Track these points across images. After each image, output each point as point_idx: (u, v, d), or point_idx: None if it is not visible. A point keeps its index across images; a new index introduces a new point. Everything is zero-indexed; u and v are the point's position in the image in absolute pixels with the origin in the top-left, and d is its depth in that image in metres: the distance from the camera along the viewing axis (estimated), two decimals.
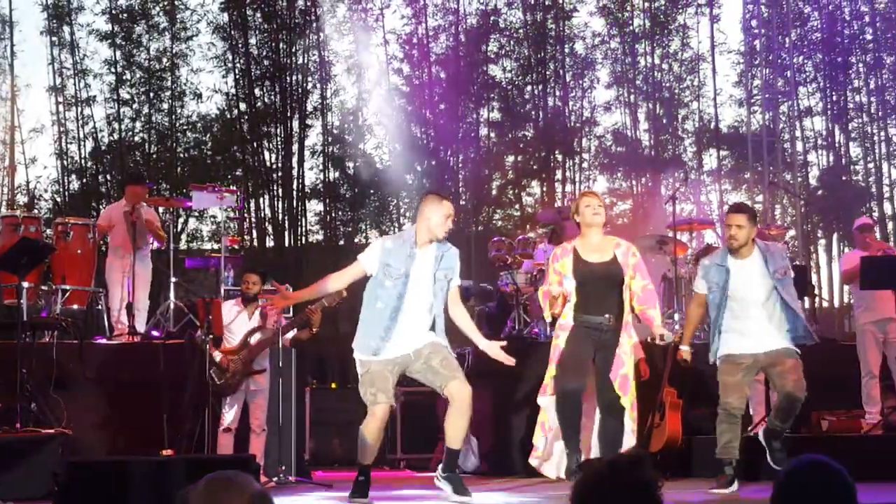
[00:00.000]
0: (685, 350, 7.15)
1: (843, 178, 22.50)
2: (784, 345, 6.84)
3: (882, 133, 22.53)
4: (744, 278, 6.82)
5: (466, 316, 6.42)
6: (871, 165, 22.62)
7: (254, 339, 8.20)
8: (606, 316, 6.49)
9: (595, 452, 6.62)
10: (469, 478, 8.03)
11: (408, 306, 6.14)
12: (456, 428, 6.17)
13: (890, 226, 21.82)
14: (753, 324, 6.82)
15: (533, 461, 6.84)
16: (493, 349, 6.36)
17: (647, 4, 22.74)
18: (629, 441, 6.61)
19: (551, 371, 6.61)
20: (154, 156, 22.48)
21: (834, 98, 22.99)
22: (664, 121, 23.09)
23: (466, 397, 6.13)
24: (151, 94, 22.33)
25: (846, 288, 21.63)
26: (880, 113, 22.53)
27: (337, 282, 6.44)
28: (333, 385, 15.34)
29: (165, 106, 22.48)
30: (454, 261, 6.30)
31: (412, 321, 6.16)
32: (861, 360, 9.17)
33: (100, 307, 9.99)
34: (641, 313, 6.65)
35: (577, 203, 6.84)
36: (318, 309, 7.97)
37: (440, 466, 6.26)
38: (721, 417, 6.91)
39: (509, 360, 6.38)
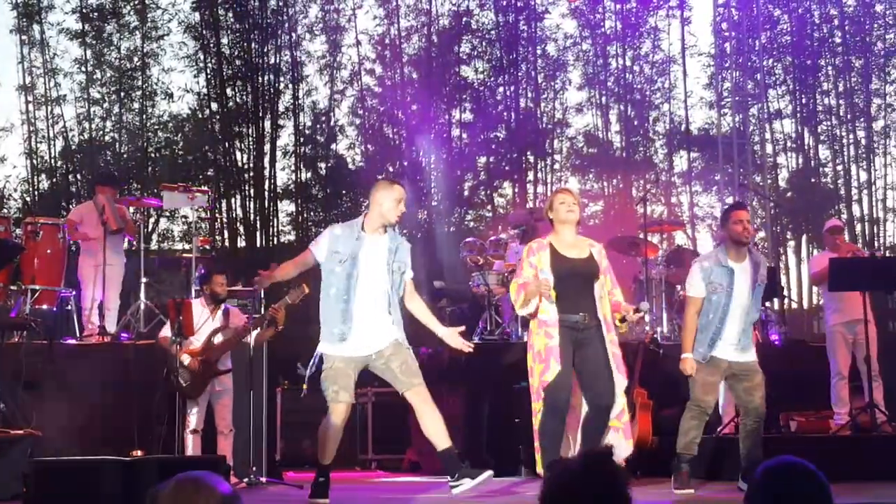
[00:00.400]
0: (689, 358, 6.91)
1: (812, 180, 22.69)
2: (753, 357, 6.93)
3: (851, 136, 22.74)
4: (741, 281, 6.89)
5: (424, 307, 6.50)
6: (839, 168, 22.81)
7: (217, 339, 8.16)
8: (582, 314, 6.37)
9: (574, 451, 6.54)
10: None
11: (361, 289, 6.18)
12: (434, 430, 6.25)
13: (858, 228, 22.01)
14: (734, 329, 6.88)
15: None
16: (453, 338, 6.40)
17: (618, 7, 22.83)
18: (628, 446, 6.52)
19: (553, 370, 6.28)
20: (125, 155, 22.36)
21: (803, 101, 23.17)
22: (635, 122, 23.19)
23: (427, 401, 6.25)
24: (122, 94, 22.23)
25: (815, 289, 21.82)
26: (849, 116, 22.73)
27: (289, 269, 6.48)
28: (305, 386, 15.30)
29: (136, 105, 22.39)
30: (407, 255, 6.38)
31: (368, 307, 6.19)
32: (831, 361, 9.24)
33: (69, 307, 9.93)
34: (614, 307, 6.57)
35: (551, 199, 6.74)
36: (281, 307, 7.94)
37: (448, 476, 6.26)
38: (693, 414, 6.93)
39: (467, 347, 6.43)
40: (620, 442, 6.48)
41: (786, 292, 19.22)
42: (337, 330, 6.15)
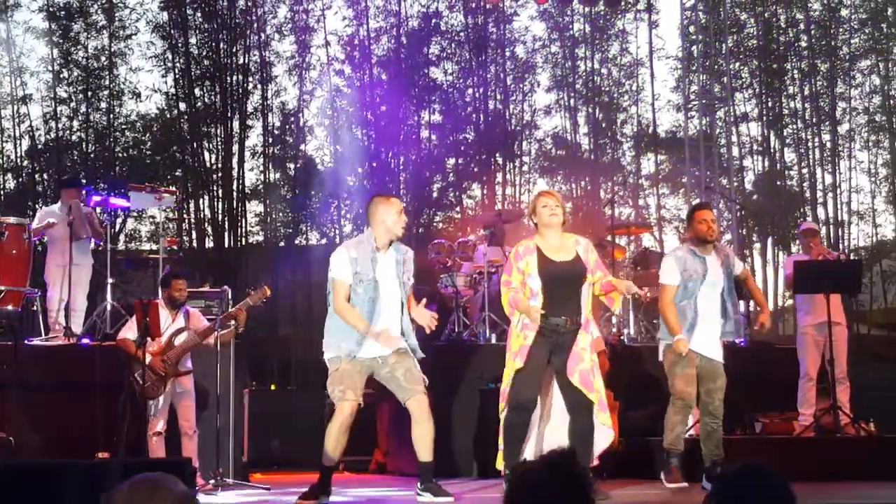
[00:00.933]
0: (682, 339, 6.99)
1: (778, 183, 22.88)
2: (720, 357, 7.03)
3: (816, 139, 22.95)
4: (715, 271, 7.03)
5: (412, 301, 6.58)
6: (805, 171, 23.03)
7: (178, 341, 8.13)
8: (563, 318, 6.34)
9: None
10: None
11: (379, 310, 6.29)
12: (422, 442, 6.31)
13: (823, 231, 22.21)
14: (709, 321, 6.99)
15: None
16: (421, 316, 6.47)
17: (586, 9, 22.93)
18: (608, 437, 6.53)
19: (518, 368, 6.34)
20: (92, 155, 22.23)
21: (769, 104, 23.37)
22: (603, 125, 23.30)
23: (425, 411, 6.30)
24: (89, 93, 22.08)
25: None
26: (814, 119, 22.94)
27: (349, 307, 6.31)
28: (273, 387, 15.29)
29: (104, 105, 22.24)
30: (412, 262, 6.51)
31: (383, 324, 6.28)
32: (801, 362, 9.31)
33: (35, 308, 9.87)
34: (604, 292, 6.55)
35: (533, 203, 6.66)
36: (243, 308, 7.93)
37: (418, 483, 6.35)
38: (677, 408, 7.00)
39: (431, 322, 6.47)
40: (603, 430, 6.47)
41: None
42: (347, 346, 6.27)
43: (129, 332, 8.15)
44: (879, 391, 12.33)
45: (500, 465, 6.57)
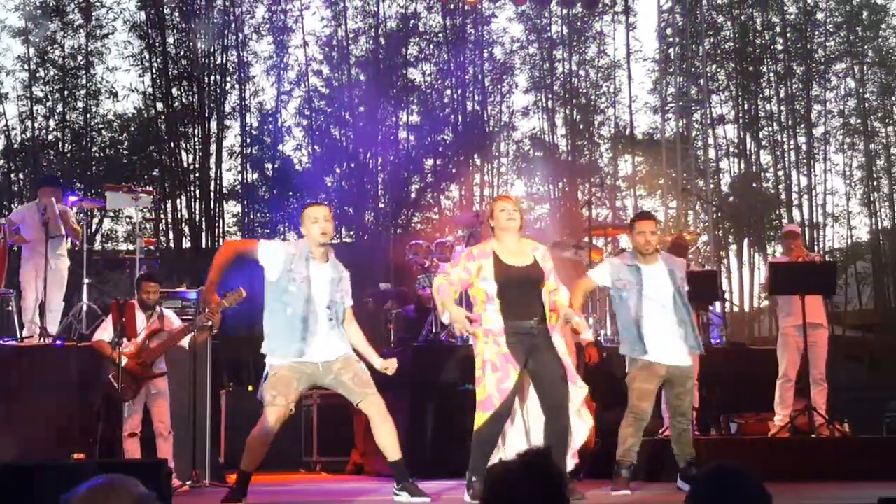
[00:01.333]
0: (586, 338, 6.95)
1: (754, 185, 23.01)
2: (688, 362, 7.04)
3: (791, 141, 23.10)
4: (654, 281, 6.97)
5: (361, 336, 6.48)
6: (780, 173, 23.17)
7: (152, 343, 8.10)
8: (535, 319, 6.24)
9: None
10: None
11: (317, 312, 6.19)
12: (386, 441, 6.26)
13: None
14: (663, 330, 6.96)
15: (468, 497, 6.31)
16: (387, 365, 6.44)
17: (564, 11, 23.00)
18: (585, 432, 6.48)
19: (513, 377, 6.12)
20: (69, 155, 22.13)
21: (745, 106, 23.51)
22: (581, 126, 23.37)
23: (382, 411, 6.25)
24: (66, 93, 21.98)
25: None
26: (790, 122, 23.09)
27: (227, 257, 6.29)
28: (250, 387, 15.24)
29: (80, 104, 22.15)
30: (349, 284, 6.40)
31: (322, 327, 6.20)
32: (780, 362, 9.36)
33: (10, 308, 9.82)
34: (552, 306, 6.52)
35: (491, 207, 6.61)
36: (217, 310, 7.91)
37: (394, 483, 6.30)
38: (629, 421, 7.02)
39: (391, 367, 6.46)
40: (578, 422, 6.45)
41: (727, 296, 19.44)
42: (295, 346, 6.15)
43: (104, 333, 8.12)
44: (854, 392, 12.44)
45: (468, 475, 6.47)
